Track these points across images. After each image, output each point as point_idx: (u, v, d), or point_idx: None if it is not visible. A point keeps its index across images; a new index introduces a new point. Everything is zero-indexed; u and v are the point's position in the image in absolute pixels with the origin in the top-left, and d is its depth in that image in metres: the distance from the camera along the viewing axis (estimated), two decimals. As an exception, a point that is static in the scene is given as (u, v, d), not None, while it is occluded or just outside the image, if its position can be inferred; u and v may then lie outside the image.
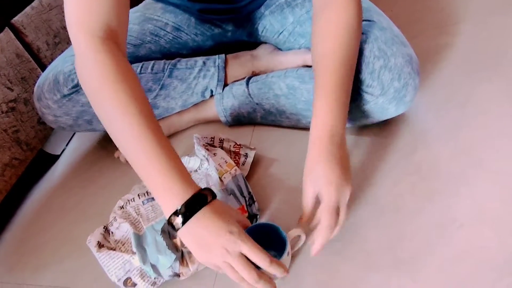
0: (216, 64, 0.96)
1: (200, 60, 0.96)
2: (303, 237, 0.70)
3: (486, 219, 0.65)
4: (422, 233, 0.67)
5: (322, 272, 0.68)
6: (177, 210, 0.60)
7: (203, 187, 0.63)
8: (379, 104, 0.77)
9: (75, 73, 0.88)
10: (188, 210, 0.60)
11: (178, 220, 0.60)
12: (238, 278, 0.61)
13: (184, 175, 0.62)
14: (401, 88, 0.75)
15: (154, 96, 0.94)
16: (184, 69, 0.95)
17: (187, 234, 0.61)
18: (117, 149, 1.03)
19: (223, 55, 0.97)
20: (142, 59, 0.96)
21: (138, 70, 0.92)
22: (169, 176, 0.60)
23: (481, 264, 0.61)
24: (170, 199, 0.60)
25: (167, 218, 0.61)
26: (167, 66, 0.94)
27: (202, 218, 0.60)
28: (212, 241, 0.59)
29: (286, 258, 0.66)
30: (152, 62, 0.94)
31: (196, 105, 1.00)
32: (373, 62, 0.75)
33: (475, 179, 0.71)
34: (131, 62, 0.93)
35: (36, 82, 0.98)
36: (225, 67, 0.96)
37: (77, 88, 0.89)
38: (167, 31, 0.97)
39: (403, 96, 0.76)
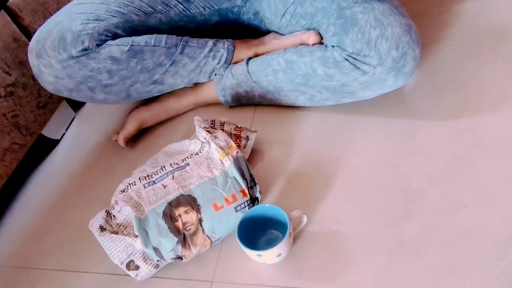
0: (226, 46, 0.95)
1: (210, 41, 0.95)
2: (305, 218, 0.70)
3: (489, 199, 0.65)
4: (425, 213, 0.67)
5: (324, 252, 0.68)
6: None
7: (204, 170, 0.62)
8: (377, 75, 0.76)
9: (87, 34, 0.84)
10: None
11: None
12: None
13: None
14: (400, 58, 0.74)
15: (164, 71, 0.93)
16: (195, 47, 0.93)
17: None
18: (113, 130, 1.03)
19: (231, 40, 0.97)
20: (152, 30, 0.93)
21: (152, 42, 0.90)
22: None
23: (484, 242, 0.61)
24: None
25: None
26: (180, 42, 0.92)
27: None
28: None
29: (288, 239, 0.66)
30: (165, 35, 0.92)
31: (195, 88, 0.99)
32: (369, 31, 0.74)
33: (478, 159, 0.70)
34: (141, 31, 0.91)
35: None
36: (233, 51, 0.95)
37: (87, 51, 0.86)
38: (177, 1, 0.95)
39: (401, 67, 0.75)
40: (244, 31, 1.02)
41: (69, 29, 0.86)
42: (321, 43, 0.88)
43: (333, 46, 0.82)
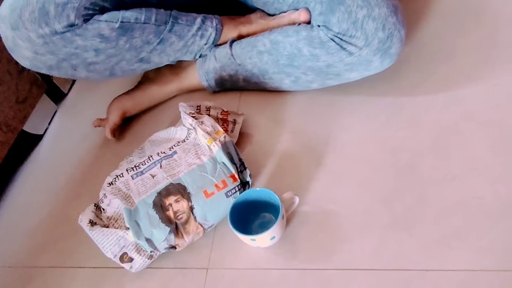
0: (214, 25, 0.91)
1: (199, 18, 0.91)
2: (297, 200, 0.70)
3: (478, 170, 0.65)
4: (416, 187, 0.67)
5: (318, 232, 0.68)
6: None
7: (192, 157, 0.60)
8: (363, 56, 0.75)
9: (72, 8, 0.77)
10: None
11: None
12: None
13: None
14: (386, 39, 0.73)
15: (151, 49, 0.88)
16: (183, 25, 0.89)
17: None
18: (96, 119, 1.00)
19: (219, 17, 0.93)
20: (139, 3, 0.87)
21: (142, 19, 0.85)
22: None
23: (475, 213, 0.61)
24: None
25: None
26: (169, 19, 0.87)
27: None
28: None
29: (281, 221, 0.65)
30: (155, 11, 0.86)
31: (177, 74, 0.97)
32: (356, 11, 0.73)
33: (466, 131, 0.70)
34: (129, 5, 0.85)
35: (8, 58, 0.89)
36: (221, 30, 0.92)
37: (73, 27, 0.79)
38: None
39: (388, 48, 0.74)
40: (231, 4, 0.99)
41: (52, 0, 0.77)
42: (308, 22, 0.86)
43: (319, 26, 0.81)
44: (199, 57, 0.94)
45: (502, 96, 0.72)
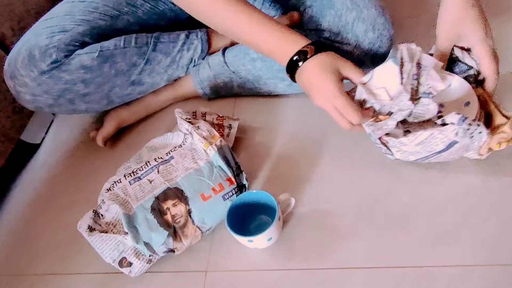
0: (199, 36, 0.94)
1: (182, 33, 0.94)
2: (293, 201, 0.71)
3: (469, 167, 0.67)
4: (410, 186, 0.68)
5: (314, 232, 0.69)
6: (302, 49, 0.67)
7: (188, 162, 0.61)
8: (354, 57, 0.77)
9: (53, 47, 0.84)
10: (310, 50, 0.67)
11: (302, 58, 0.68)
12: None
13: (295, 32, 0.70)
14: (376, 39, 0.75)
15: (140, 71, 0.91)
16: (167, 43, 0.92)
17: (299, 80, 0.69)
18: (92, 129, 1.01)
19: (204, 29, 0.95)
20: (121, 32, 0.92)
21: (122, 44, 0.89)
22: (285, 29, 0.69)
23: (466, 209, 0.63)
24: (292, 44, 0.68)
25: (290, 59, 0.69)
26: (151, 40, 0.91)
27: (304, 70, 0.68)
28: (313, 91, 0.68)
29: (277, 222, 0.66)
30: (134, 35, 0.91)
31: (173, 82, 0.98)
32: (345, 14, 0.75)
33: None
34: (110, 35, 0.90)
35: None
36: (208, 40, 0.94)
37: (57, 63, 0.85)
38: (144, 1, 0.94)
39: (378, 48, 0.76)
40: None
41: (36, 45, 0.85)
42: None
43: (310, 30, 0.82)
44: (193, 67, 0.95)
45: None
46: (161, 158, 0.79)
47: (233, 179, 0.74)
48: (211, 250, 0.73)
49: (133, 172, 0.78)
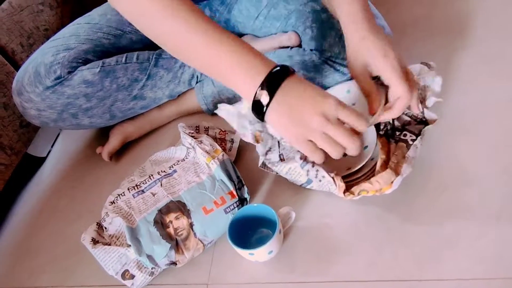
0: None
1: None
2: (293, 214, 0.72)
3: (468, 180, 0.68)
4: (409, 199, 0.69)
5: (315, 246, 0.70)
6: (262, 83, 0.56)
7: (191, 175, 0.62)
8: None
9: (57, 64, 0.88)
10: (275, 80, 0.56)
11: (264, 94, 0.56)
12: (336, 149, 0.57)
13: (258, 52, 0.58)
14: None
15: (141, 86, 0.94)
16: (169, 59, 0.95)
17: (276, 108, 0.56)
18: (99, 145, 1.03)
19: None
20: (124, 50, 0.95)
21: (123, 60, 0.92)
22: (244, 53, 0.57)
23: (465, 222, 0.63)
24: (251, 76, 0.56)
25: (252, 98, 0.57)
26: (152, 56, 0.94)
27: (292, 87, 0.56)
28: (308, 110, 0.55)
29: (278, 236, 0.67)
30: (136, 52, 0.94)
31: (177, 98, 1.00)
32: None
33: (457, 144, 0.73)
34: (113, 53, 0.93)
35: None
36: None
37: (60, 79, 0.88)
38: None
39: None
40: None
41: (42, 62, 0.89)
42: (299, 46, 0.89)
43: (311, 50, 0.84)
44: (196, 83, 0.97)
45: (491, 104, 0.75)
46: (164, 171, 0.81)
47: (234, 193, 0.75)
48: (212, 263, 0.74)
49: (136, 186, 0.80)
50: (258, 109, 0.57)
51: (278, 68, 0.57)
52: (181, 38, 0.59)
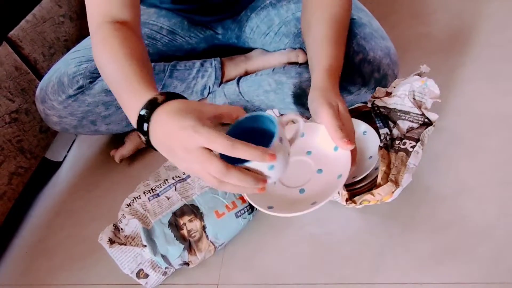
0: (213, 65, 1.00)
1: (198, 62, 1.00)
2: (301, 123, 0.60)
3: (467, 191, 0.71)
4: (409, 207, 0.72)
5: (320, 251, 0.73)
6: (139, 116, 0.55)
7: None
8: (361, 94, 0.82)
9: (80, 74, 0.93)
10: (147, 114, 0.54)
11: (144, 127, 0.55)
12: (214, 181, 0.51)
13: (148, 83, 0.59)
14: (381, 78, 0.81)
15: None
16: (183, 70, 0.99)
17: (154, 141, 0.55)
18: (112, 147, 1.07)
19: (218, 58, 1.02)
20: None
21: None
22: (135, 88, 0.58)
23: (463, 231, 0.67)
24: (139, 95, 0.57)
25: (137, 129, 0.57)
26: (167, 68, 0.99)
27: (157, 122, 0.54)
28: (172, 144, 0.51)
29: (277, 144, 0.53)
30: (153, 64, 0.98)
31: None
32: (352, 56, 0.80)
33: (456, 155, 0.76)
34: None
35: (35, 92, 1.01)
36: (222, 68, 1.01)
37: (82, 89, 0.94)
38: (163, 35, 1.01)
39: (383, 85, 0.81)
40: (233, 50, 1.08)
41: (65, 73, 0.94)
42: (306, 63, 0.92)
43: None
44: (208, 94, 1.02)
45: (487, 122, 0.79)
46: (178, 176, 0.85)
47: (245, 198, 0.79)
48: (222, 264, 0.77)
49: (152, 189, 0.84)
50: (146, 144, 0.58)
51: (149, 102, 0.55)
52: (112, 79, 0.65)
